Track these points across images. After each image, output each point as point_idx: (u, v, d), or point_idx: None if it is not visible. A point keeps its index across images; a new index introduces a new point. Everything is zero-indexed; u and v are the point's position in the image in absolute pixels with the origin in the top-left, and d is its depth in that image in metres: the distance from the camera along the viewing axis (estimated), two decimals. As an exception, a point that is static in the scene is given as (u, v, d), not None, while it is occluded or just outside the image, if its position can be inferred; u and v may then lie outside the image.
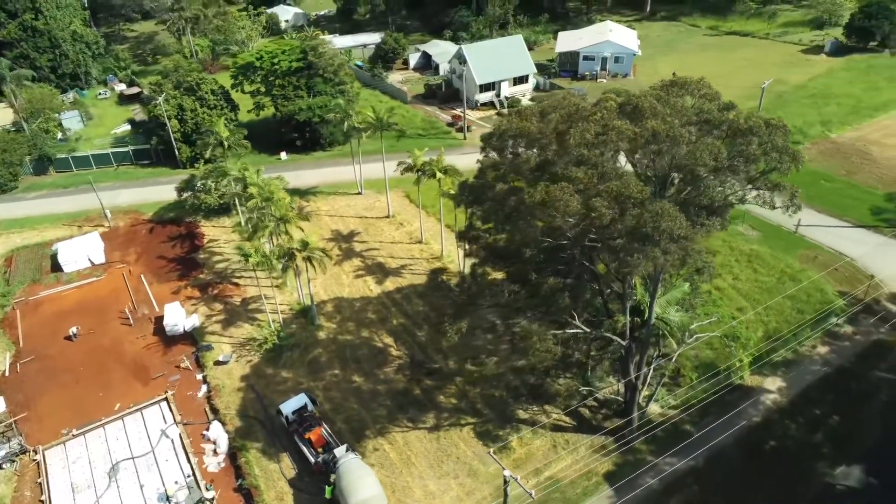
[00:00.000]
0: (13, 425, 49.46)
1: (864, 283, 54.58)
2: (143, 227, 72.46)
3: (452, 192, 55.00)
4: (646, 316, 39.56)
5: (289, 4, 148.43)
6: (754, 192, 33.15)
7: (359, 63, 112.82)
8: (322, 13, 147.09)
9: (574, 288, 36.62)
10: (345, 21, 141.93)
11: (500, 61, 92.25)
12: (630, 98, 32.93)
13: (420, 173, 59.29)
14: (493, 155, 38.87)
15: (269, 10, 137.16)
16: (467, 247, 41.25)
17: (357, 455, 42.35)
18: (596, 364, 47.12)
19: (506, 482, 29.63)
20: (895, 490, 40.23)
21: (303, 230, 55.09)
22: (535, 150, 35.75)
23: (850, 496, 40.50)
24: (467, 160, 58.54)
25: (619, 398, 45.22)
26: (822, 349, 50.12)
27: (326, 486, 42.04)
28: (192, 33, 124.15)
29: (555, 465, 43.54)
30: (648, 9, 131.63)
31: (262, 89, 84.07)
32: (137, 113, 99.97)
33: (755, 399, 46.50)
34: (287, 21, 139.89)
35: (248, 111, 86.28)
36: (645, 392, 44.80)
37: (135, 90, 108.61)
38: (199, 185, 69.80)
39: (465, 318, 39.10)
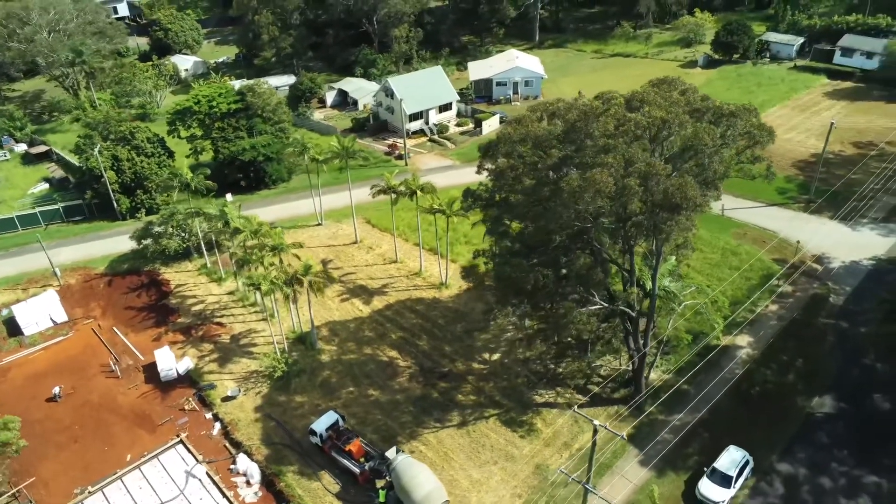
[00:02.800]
0: (18, 494, 46.54)
1: (790, 249, 63.68)
2: (98, 282, 69.64)
3: (437, 206, 58.61)
4: (648, 288, 45.08)
5: (184, 54, 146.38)
6: (738, 165, 39.49)
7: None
8: (221, 60, 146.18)
9: (602, 264, 41.37)
10: (246, 67, 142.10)
11: (426, 91, 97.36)
12: (634, 94, 38.48)
13: (395, 194, 62.31)
14: (503, 160, 43.05)
15: (163, 61, 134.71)
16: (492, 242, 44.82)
17: (407, 454, 44.20)
18: (598, 343, 51.77)
19: (595, 431, 33.21)
20: (861, 408, 47.87)
21: (299, 258, 56.20)
22: (549, 150, 40.22)
23: (828, 420, 47.63)
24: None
25: (627, 369, 50.10)
26: (773, 307, 58.08)
27: (380, 491, 43.53)
28: (89, 87, 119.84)
29: (580, 437, 47.57)
30: (537, 38, 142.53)
31: (199, 133, 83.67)
32: (54, 170, 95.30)
33: (733, 355, 53.19)
34: (187, 70, 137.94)
35: (186, 156, 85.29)
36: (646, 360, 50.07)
37: (42, 149, 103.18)
38: (157, 231, 68.65)
39: (503, 310, 42.57)
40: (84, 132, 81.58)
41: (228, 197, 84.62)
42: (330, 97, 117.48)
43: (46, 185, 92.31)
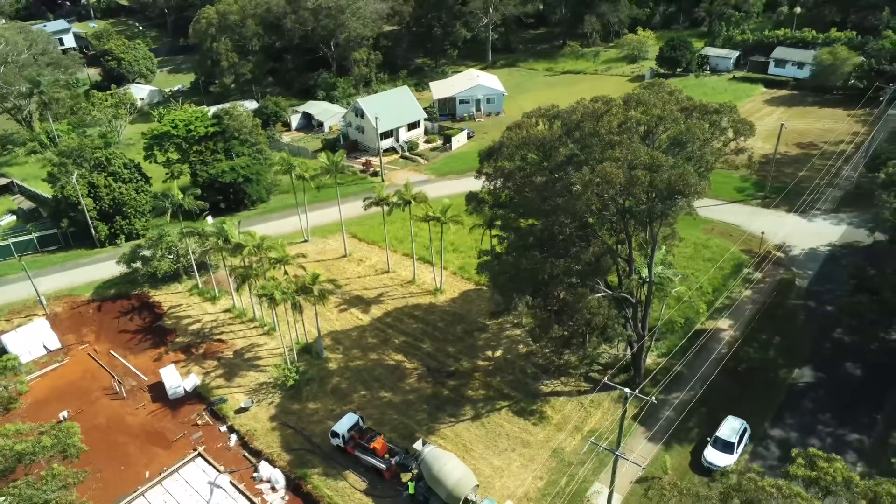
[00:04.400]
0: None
1: (755, 240, 69.00)
2: (86, 308, 68.93)
3: (432, 214, 61.20)
4: (643, 275, 48.74)
5: (139, 83, 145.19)
6: (723, 157, 43.75)
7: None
8: (176, 88, 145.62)
9: (609, 252, 44.81)
10: (203, 94, 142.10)
11: (395, 110, 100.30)
12: (631, 95, 42.33)
13: (387, 205, 64.59)
14: (508, 162, 46.17)
15: (123, 90, 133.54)
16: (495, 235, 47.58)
17: (433, 445, 46.11)
18: (594, 333, 55.00)
19: (626, 399, 36.11)
20: (836, 375, 52.63)
21: (304, 269, 57.66)
22: (553, 150, 43.56)
23: (809, 388, 52.12)
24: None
25: (626, 355, 53.48)
26: (747, 292, 62.85)
27: (409, 483, 45.25)
28: (43, 119, 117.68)
29: (589, 421, 50.55)
30: (490, 59, 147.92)
31: (175, 157, 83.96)
32: (21, 201, 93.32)
33: (717, 337, 57.39)
34: (143, 99, 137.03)
35: (164, 181, 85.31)
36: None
37: (2, 181, 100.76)
38: (146, 253, 68.79)
39: (522, 298, 45.40)
40: (43, 162, 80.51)
41: (209, 219, 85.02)
42: (294, 120, 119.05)
43: (13, 217, 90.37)
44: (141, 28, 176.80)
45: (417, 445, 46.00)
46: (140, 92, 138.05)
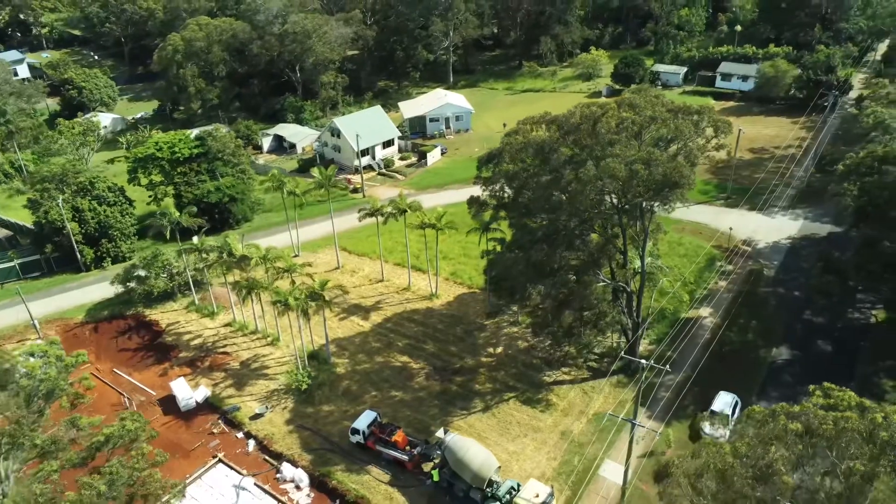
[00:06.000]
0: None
1: (724, 236, 74.39)
2: (82, 330, 68.86)
3: (429, 221, 64.16)
4: (636, 267, 52.85)
5: (100, 111, 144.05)
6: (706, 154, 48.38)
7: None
8: (139, 115, 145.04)
9: (610, 242, 48.72)
10: (168, 120, 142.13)
11: (370, 129, 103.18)
12: (623, 99, 46.61)
13: (381, 216, 67.24)
14: (510, 165, 49.74)
15: (87, 117, 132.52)
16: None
17: (455, 433, 48.59)
18: (587, 326, 58.66)
19: (643, 369, 39.58)
20: (809, 351, 57.61)
21: (312, 277, 59.63)
22: (553, 151, 47.36)
23: (787, 364, 56.93)
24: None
25: (621, 343, 57.27)
26: (722, 283, 67.82)
27: (433, 472, 47.56)
28: (4, 149, 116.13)
29: (592, 405, 53.94)
30: (451, 79, 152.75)
31: (159, 179, 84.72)
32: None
33: (700, 324, 61.87)
34: (106, 127, 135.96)
35: (147, 203, 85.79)
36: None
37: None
38: (140, 273, 69.46)
39: (535, 288, 48.76)
40: (10, 192, 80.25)
41: (195, 239, 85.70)
42: (266, 143, 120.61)
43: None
44: (96, 57, 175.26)
45: (440, 434, 48.43)
46: (104, 120, 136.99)
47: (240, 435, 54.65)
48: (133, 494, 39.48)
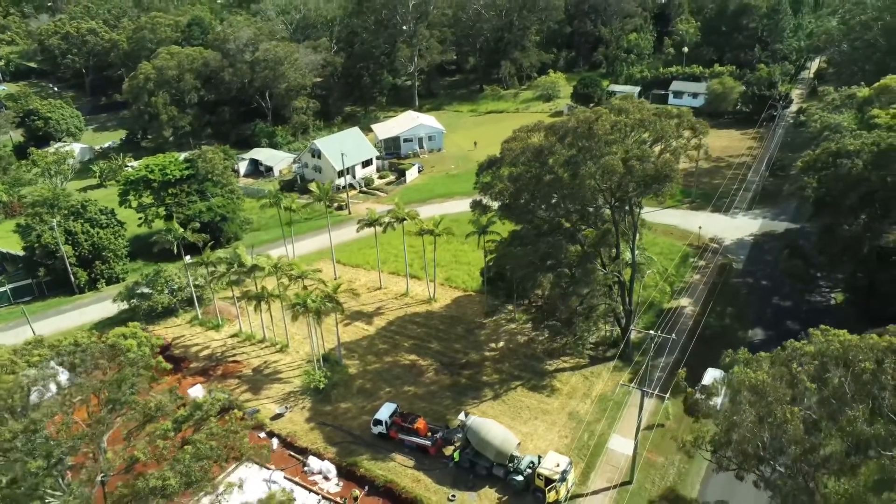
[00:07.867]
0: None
1: (694, 235, 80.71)
2: (86, 348, 69.46)
3: (427, 227, 68.09)
4: (627, 259, 57.97)
5: (66, 141, 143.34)
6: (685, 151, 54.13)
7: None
8: (107, 145, 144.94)
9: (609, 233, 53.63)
10: (136, 149, 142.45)
11: (350, 150, 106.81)
12: (613, 105, 52.01)
13: (379, 225, 70.84)
14: (511, 169, 54.39)
15: (57, 147, 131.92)
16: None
17: (475, 415, 52.11)
18: (580, 318, 63.22)
19: (652, 339, 44.13)
20: (780, 331, 63.56)
21: (324, 282, 62.55)
22: (552, 154, 52.24)
23: (763, 343, 62.50)
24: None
25: (615, 331, 62.05)
26: (696, 276, 73.73)
27: (454, 453, 50.91)
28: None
29: (594, 388, 58.33)
30: (417, 103, 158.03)
31: (149, 201, 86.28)
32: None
33: (682, 313, 67.32)
34: (74, 157, 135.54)
35: (138, 225, 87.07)
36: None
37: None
38: (143, 290, 71.03)
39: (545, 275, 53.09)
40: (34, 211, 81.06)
41: (188, 258, 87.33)
42: (242, 167, 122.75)
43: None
44: (56, 89, 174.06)
45: (461, 417, 51.88)
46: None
47: (262, 434, 56.75)
48: (228, 453, 43.24)
